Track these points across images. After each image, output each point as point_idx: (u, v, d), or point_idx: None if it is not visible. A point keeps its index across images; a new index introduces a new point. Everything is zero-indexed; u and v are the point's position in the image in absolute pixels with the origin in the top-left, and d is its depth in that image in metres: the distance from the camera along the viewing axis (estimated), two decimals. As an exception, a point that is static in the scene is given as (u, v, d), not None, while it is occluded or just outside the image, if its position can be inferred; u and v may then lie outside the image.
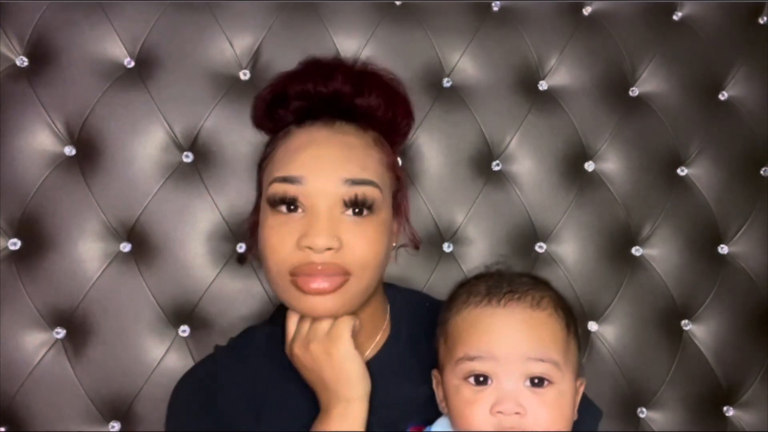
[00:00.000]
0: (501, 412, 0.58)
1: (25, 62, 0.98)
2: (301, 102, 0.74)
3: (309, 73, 0.75)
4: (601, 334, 1.09)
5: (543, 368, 0.60)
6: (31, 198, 0.96)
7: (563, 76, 1.10)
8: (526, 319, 0.62)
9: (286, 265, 0.67)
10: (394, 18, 1.05)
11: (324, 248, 0.66)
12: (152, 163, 0.99)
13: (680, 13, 1.14)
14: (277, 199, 0.68)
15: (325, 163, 0.68)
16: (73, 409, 0.96)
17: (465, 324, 0.63)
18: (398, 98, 0.77)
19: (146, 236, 0.99)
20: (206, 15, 1.01)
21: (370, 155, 0.72)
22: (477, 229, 1.06)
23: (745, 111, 1.14)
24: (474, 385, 0.61)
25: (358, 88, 0.73)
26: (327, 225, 0.66)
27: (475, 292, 0.65)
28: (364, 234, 0.68)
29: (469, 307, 0.64)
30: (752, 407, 1.12)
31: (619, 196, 1.10)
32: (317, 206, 0.67)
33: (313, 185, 0.67)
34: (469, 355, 0.61)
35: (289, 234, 0.67)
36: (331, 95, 0.73)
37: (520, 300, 0.63)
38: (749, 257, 1.13)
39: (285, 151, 0.71)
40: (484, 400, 0.59)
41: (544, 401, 0.59)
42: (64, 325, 0.97)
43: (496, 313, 0.62)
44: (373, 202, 0.69)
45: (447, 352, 0.65)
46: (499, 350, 0.60)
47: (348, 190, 0.67)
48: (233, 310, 1.00)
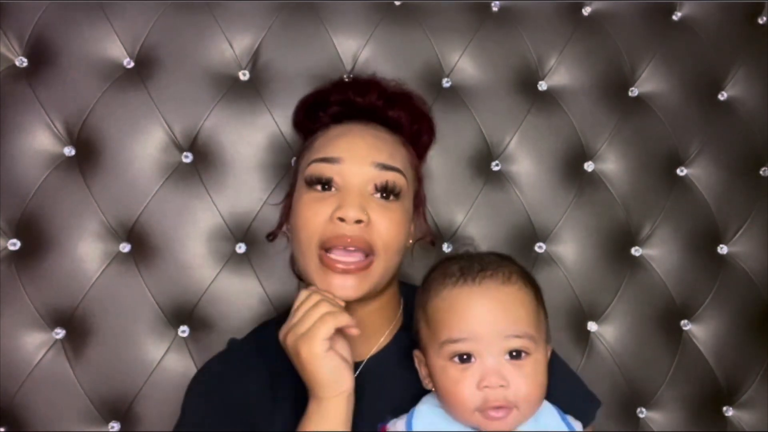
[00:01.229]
0: (487, 386, 0.63)
1: (25, 62, 0.98)
2: (339, 108, 0.83)
3: (349, 86, 0.86)
4: (600, 334, 1.09)
5: (521, 343, 0.65)
6: (30, 198, 0.96)
7: (563, 76, 1.10)
8: (501, 297, 0.67)
9: (317, 237, 0.73)
10: (394, 18, 1.05)
11: (355, 219, 0.72)
12: (152, 163, 0.99)
13: (680, 13, 1.14)
14: (314, 177, 0.75)
15: (359, 148, 0.76)
16: (73, 409, 0.96)
17: (445, 305, 0.67)
18: (423, 116, 0.89)
19: (146, 236, 0.99)
20: (206, 15, 1.01)
21: (399, 150, 0.80)
22: (477, 229, 1.06)
23: (744, 111, 1.14)
24: (459, 363, 0.65)
25: (390, 103, 0.84)
26: (359, 200, 0.73)
27: (449, 273, 0.68)
28: (390, 216, 0.75)
29: (446, 288, 0.67)
30: (752, 407, 1.12)
31: (619, 196, 1.10)
32: (350, 184, 0.74)
33: (348, 165, 0.75)
34: (452, 338, 0.65)
35: (323, 208, 0.73)
36: (366, 105, 0.83)
37: (493, 277, 0.67)
38: (749, 257, 1.13)
39: (324, 138, 0.79)
40: (470, 377, 0.64)
41: (523, 372, 0.64)
42: (63, 325, 0.97)
43: (472, 292, 0.66)
44: (400, 189, 0.76)
45: (430, 335, 0.68)
46: (481, 330, 0.64)
47: (378, 174, 0.75)
48: (233, 310, 1.00)
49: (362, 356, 0.79)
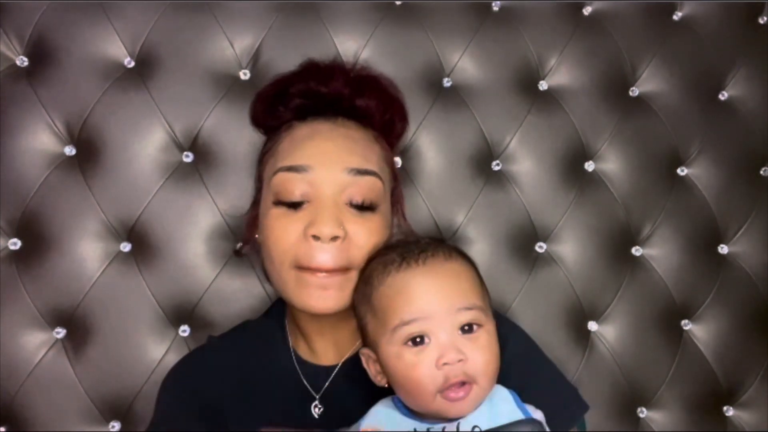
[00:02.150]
0: (447, 362, 0.61)
1: (25, 62, 0.98)
2: (301, 100, 0.76)
3: (310, 73, 0.78)
4: (601, 334, 1.09)
5: (471, 315, 0.63)
6: (31, 198, 0.96)
7: (563, 76, 1.10)
8: (446, 273, 0.65)
9: (290, 256, 0.68)
10: (394, 18, 1.06)
11: (330, 236, 0.67)
12: (152, 162, 0.99)
13: (680, 13, 1.14)
14: (282, 194, 0.69)
15: (329, 153, 0.70)
16: (73, 408, 0.96)
17: (391, 291, 0.65)
18: (395, 101, 0.80)
19: (146, 236, 0.99)
20: (206, 15, 1.01)
21: (372, 149, 0.74)
22: (477, 229, 1.06)
23: (745, 111, 1.14)
24: (413, 346, 0.63)
25: (357, 89, 0.76)
26: (333, 214, 0.68)
27: (389, 260, 0.66)
28: (367, 228, 0.70)
29: (390, 275, 0.65)
30: (752, 407, 1.12)
31: (619, 196, 1.10)
32: (322, 194, 0.69)
33: (319, 173, 0.69)
34: (404, 320, 0.63)
35: (294, 224, 0.69)
36: (331, 95, 0.75)
37: (434, 256, 0.66)
38: (749, 257, 1.13)
39: (290, 142, 0.72)
40: (426, 358, 0.62)
41: (478, 345, 0.63)
42: (64, 324, 0.97)
43: (417, 273, 0.65)
44: (377, 198, 0.71)
45: (378, 324, 0.66)
46: (432, 308, 0.63)
47: (352, 180, 0.69)
48: (233, 310, 1.00)
49: (337, 360, 0.77)
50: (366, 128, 0.76)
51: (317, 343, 0.77)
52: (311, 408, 0.75)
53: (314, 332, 0.77)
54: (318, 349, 0.78)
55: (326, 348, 0.77)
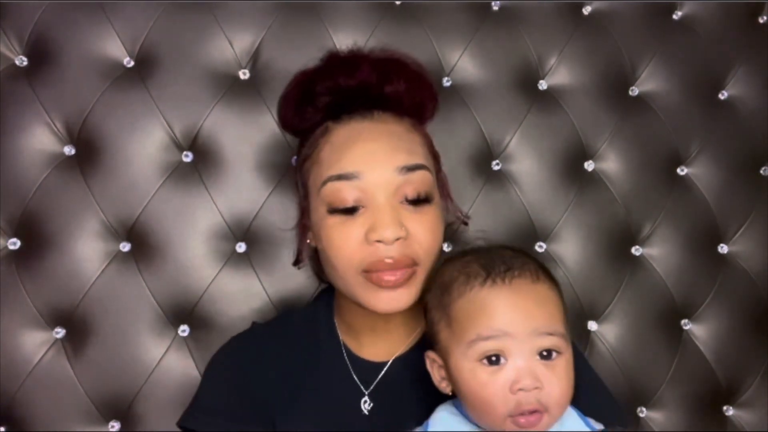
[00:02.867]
0: (522, 389, 0.59)
1: (25, 62, 0.98)
2: (329, 98, 0.74)
3: (334, 68, 0.75)
4: (601, 333, 1.09)
5: (553, 341, 0.61)
6: (30, 198, 0.96)
7: (563, 76, 1.10)
8: (532, 295, 0.63)
9: (355, 263, 0.68)
10: (394, 18, 1.05)
11: (394, 239, 0.67)
12: (152, 162, 0.99)
13: (680, 13, 1.14)
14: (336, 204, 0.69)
15: (377, 155, 0.69)
16: (73, 408, 0.96)
17: (473, 306, 0.63)
18: (423, 82, 0.78)
19: (146, 236, 0.99)
20: (206, 15, 1.01)
21: (414, 139, 0.73)
22: (477, 228, 1.06)
23: (745, 111, 1.14)
24: (488, 365, 0.61)
25: (384, 76, 0.74)
26: (392, 216, 0.67)
27: (473, 273, 0.64)
28: (426, 222, 0.70)
29: (473, 289, 0.63)
30: (752, 407, 1.12)
31: (619, 196, 1.10)
32: (377, 199, 0.68)
33: (370, 178, 0.68)
34: (482, 336, 0.61)
35: (354, 230, 0.68)
36: (359, 87, 0.73)
37: (521, 276, 0.64)
38: (749, 257, 1.13)
39: (331, 148, 0.71)
40: (501, 380, 0.60)
41: (556, 373, 0.61)
42: (63, 324, 0.97)
43: (503, 292, 0.62)
44: (429, 190, 0.71)
45: (453, 336, 0.64)
46: (513, 328, 0.60)
47: (404, 179, 0.68)
48: (233, 310, 1.00)
49: (388, 357, 0.77)
50: (402, 118, 0.75)
51: (368, 339, 0.77)
52: (360, 403, 0.74)
53: (366, 328, 0.76)
54: (369, 344, 0.77)
55: (377, 344, 0.76)
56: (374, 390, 0.75)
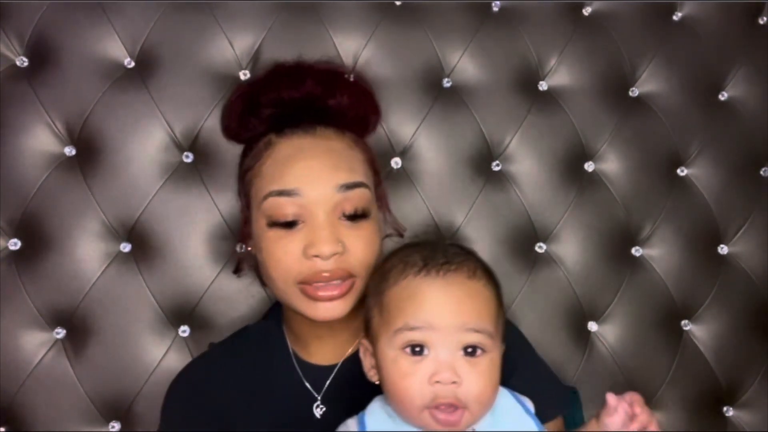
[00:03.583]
0: (439, 381, 0.59)
1: (25, 62, 0.98)
2: (273, 109, 0.75)
3: (278, 80, 0.76)
4: (601, 334, 1.09)
5: (478, 338, 0.61)
6: (31, 198, 0.96)
7: (563, 77, 1.10)
8: (464, 290, 0.63)
9: (293, 276, 0.70)
10: (394, 18, 1.05)
11: (330, 254, 0.68)
12: (152, 163, 0.99)
13: (680, 14, 1.14)
14: (275, 218, 0.70)
15: (317, 173, 0.70)
16: (73, 409, 0.96)
17: (404, 294, 0.63)
18: (366, 95, 0.80)
19: (146, 236, 0.99)
20: (206, 15, 1.01)
21: (354, 156, 0.74)
22: (477, 229, 1.06)
23: (745, 111, 1.14)
24: (411, 355, 0.61)
25: (328, 89, 0.75)
26: (330, 231, 0.69)
27: (411, 262, 0.64)
28: (363, 237, 0.71)
29: (407, 278, 0.63)
30: (752, 407, 1.12)
31: (619, 196, 1.10)
32: (316, 215, 0.69)
33: (310, 195, 0.69)
34: (408, 325, 0.61)
35: (293, 244, 0.69)
36: (303, 99, 0.74)
37: (457, 271, 0.63)
38: (749, 257, 1.13)
39: (274, 163, 0.72)
40: (421, 371, 0.60)
41: (478, 370, 0.60)
42: (64, 325, 0.97)
43: (435, 284, 0.62)
44: (367, 206, 0.72)
45: (383, 323, 0.64)
46: (439, 320, 0.61)
47: (343, 197, 0.70)
48: (233, 310, 1.00)
49: (337, 359, 0.78)
50: (344, 134, 0.75)
51: (316, 345, 0.78)
52: (313, 408, 0.76)
53: (312, 336, 0.78)
54: (317, 350, 0.78)
55: (325, 349, 0.78)
56: (326, 394, 0.76)
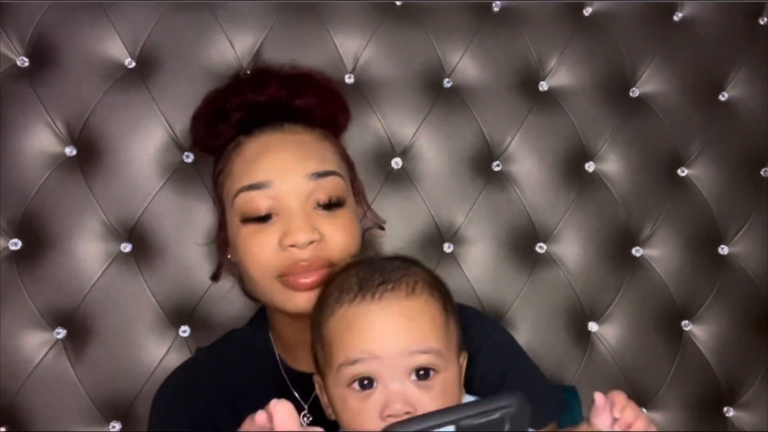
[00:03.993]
0: (391, 414, 0.56)
1: (26, 62, 0.98)
2: (241, 113, 0.76)
3: (243, 85, 0.78)
4: (601, 334, 1.09)
5: (426, 359, 0.58)
6: (31, 198, 0.96)
7: (563, 77, 1.10)
8: (403, 311, 0.59)
9: (271, 269, 0.69)
10: (395, 18, 1.05)
11: (307, 243, 0.67)
12: (153, 163, 0.99)
13: (680, 14, 1.14)
14: (248, 212, 0.70)
15: (287, 164, 0.70)
16: (74, 409, 0.96)
17: (341, 326, 0.60)
18: (334, 94, 0.81)
19: (147, 236, 0.99)
20: (206, 15, 1.01)
21: (325, 148, 0.75)
22: (477, 229, 1.06)
23: (745, 111, 1.14)
24: (360, 390, 0.58)
25: (294, 90, 0.76)
26: (305, 221, 0.69)
27: (347, 288, 0.61)
28: (340, 225, 0.71)
29: (342, 307, 0.60)
30: (752, 407, 1.12)
31: (619, 197, 1.10)
32: (290, 206, 0.69)
33: (281, 187, 0.69)
34: (349, 359, 0.58)
35: (268, 237, 0.69)
36: (269, 102, 0.75)
37: (395, 290, 0.60)
38: (749, 257, 1.13)
39: (243, 160, 0.72)
40: (372, 406, 0.57)
41: (431, 395, 0.57)
42: (64, 325, 0.97)
43: (371, 310, 0.59)
44: (342, 194, 0.72)
45: (325, 359, 0.61)
46: (381, 349, 0.57)
47: (315, 185, 0.70)
48: (233, 310, 1.00)
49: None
50: (312, 128, 0.76)
51: (303, 352, 0.76)
52: (300, 418, 0.74)
53: (299, 342, 0.76)
54: (303, 357, 0.76)
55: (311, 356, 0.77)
56: (314, 403, 0.75)
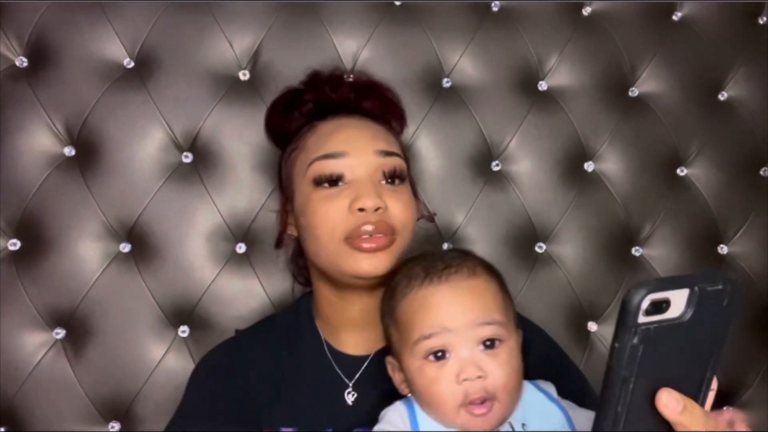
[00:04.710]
0: (466, 379, 0.62)
1: (25, 62, 0.98)
2: (313, 105, 0.84)
3: (320, 82, 0.86)
4: (601, 334, 1.09)
5: (492, 330, 0.64)
6: (30, 198, 0.96)
7: (563, 77, 1.10)
8: (469, 289, 0.66)
9: (340, 231, 0.73)
10: (394, 18, 1.05)
11: (375, 208, 0.73)
12: (152, 163, 0.99)
13: (680, 13, 1.14)
14: (323, 175, 0.75)
15: (360, 139, 0.77)
16: (73, 409, 0.96)
17: (414, 306, 0.66)
18: (393, 104, 0.89)
19: (146, 236, 0.99)
20: (206, 15, 1.01)
21: (390, 135, 0.81)
22: (477, 229, 1.06)
23: (744, 111, 1.14)
24: (435, 361, 0.64)
25: (362, 94, 0.85)
26: (373, 189, 0.74)
27: (413, 275, 0.68)
28: (402, 198, 0.76)
29: (413, 291, 0.67)
30: (752, 407, 1.12)
31: (619, 196, 1.10)
32: (361, 175, 0.75)
33: (354, 158, 0.75)
34: (424, 335, 0.64)
35: (339, 202, 0.74)
36: (340, 100, 0.83)
37: (458, 272, 0.67)
38: (749, 257, 1.13)
39: (317, 137, 0.78)
40: (447, 373, 0.63)
41: (499, 361, 0.63)
42: (63, 325, 0.97)
43: (439, 290, 0.66)
44: (403, 172, 0.78)
45: (401, 338, 0.67)
46: (452, 322, 0.64)
47: (383, 161, 0.76)
48: (233, 310, 1.00)
49: (369, 351, 0.79)
50: (377, 122, 0.82)
51: (349, 335, 0.80)
52: (344, 395, 0.77)
53: (347, 324, 0.80)
54: (350, 340, 0.80)
55: (358, 340, 0.80)
56: (357, 382, 0.78)
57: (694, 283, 0.45)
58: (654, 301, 0.44)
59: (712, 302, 0.46)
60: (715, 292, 0.46)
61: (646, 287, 0.44)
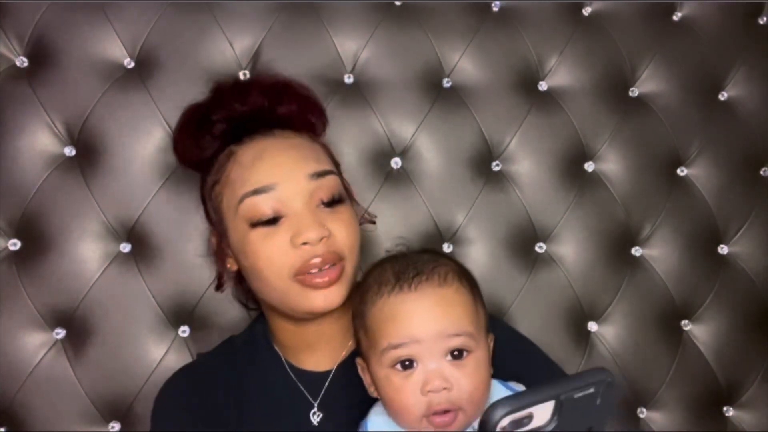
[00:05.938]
0: (431, 390, 0.62)
1: (25, 63, 0.98)
2: (225, 125, 0.77)
3: (224, 96, 0.80)
4: (601, 334, 1.09)
5: (460, 341, 0.64)
6: (31, 198, 0.96)
7: (563, 77, 1.10)
8: (438, 299, 0.65)
9: (286, 269, 0.70)
10: (394, 18, 1.06)
11: (319, 239, 0.70)
12: (152, 163, 0.99)
13: (680, 14, 1.14)
14: (256, 216, 0.71)
15: (288, 166, 0.72)
16: (73, 409, 0.96)
17: (382, 315, 0.66)
18: (311, 101, 0.84)
19: (146, 236, 0.99)
20: (206, 15, 1.01)
21: (316, 149, 0.77)
22: (477, 229, 1.06)
23: (745, 111, 1.14)
24: (401, 370, 0.64)
25: (275, 98, 0.79)
26: (313, 218, 0.71)
27: (384, 281, 0.67)
28: (343, 220, 0.73)
29: (382, 298, 0.66)
30: (752, 407, 1.12)
31: (619, 197, 1.10)
32: (296, 206, 0.71)
33: (285, 188, 0.71)
34: (392, 344, 0.64)
35: (279, 239, 0.70)
36: (252, 111, 0.78)
37: (429, 280, 0.66)
38: (749, 257, 1.13)
39: (240, 167, 0.73)
40: (413, 384, 0.63)
41: (465, 372, 0.63)
42: (64, 325, 0.97)
43: (409, 299, 0.65)
44: (340, 191, 0.75)
45: (369, 344, 0.67)
46: (420, 333, 0.63)
47: (317, 185, 0.72)
48: (233, 310, 1.00)
49: (330, 365, 0.78)
50: (300, 132, 0.78)
51: (307, 353, 0.78)
52: (310, 415, 0.76)
53: (303, 345, 0.78)
54: (310, 359, 0.79)
55: (317, 356, 0.78)
56: (322, 400, 0.76)
57: (560, 393, 0.45)
58: (515, 419, 0.44)
59: (582, 405, 0.46)
60: (585, 397, 0.46)
61: (505, 407, 0.44)
